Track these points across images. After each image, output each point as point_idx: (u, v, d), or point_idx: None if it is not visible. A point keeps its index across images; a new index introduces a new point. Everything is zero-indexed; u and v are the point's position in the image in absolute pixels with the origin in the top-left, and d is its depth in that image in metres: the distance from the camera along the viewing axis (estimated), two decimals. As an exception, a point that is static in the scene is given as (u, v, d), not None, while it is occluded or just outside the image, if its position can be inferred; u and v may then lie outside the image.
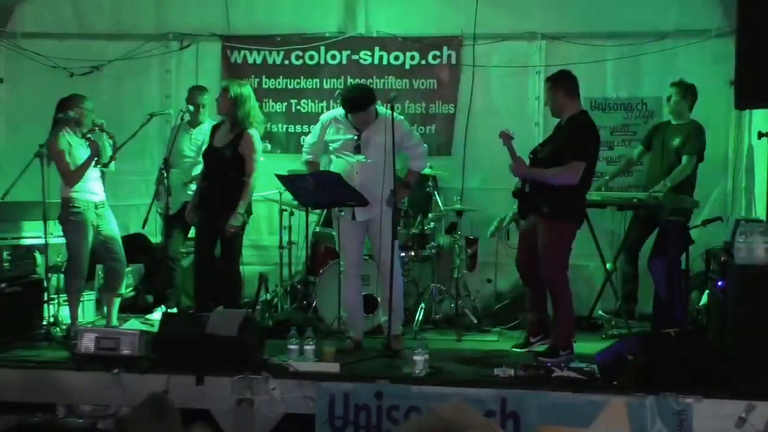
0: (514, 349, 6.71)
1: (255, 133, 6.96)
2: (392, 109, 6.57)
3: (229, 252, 7.05)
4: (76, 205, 7.13)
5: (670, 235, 7.15)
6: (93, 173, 7.23)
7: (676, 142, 7.38)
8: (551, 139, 6.57)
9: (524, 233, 6.66)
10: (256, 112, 7.03)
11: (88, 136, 7.15)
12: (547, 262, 6.43)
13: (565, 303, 6.56)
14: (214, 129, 7.13)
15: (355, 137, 6.67)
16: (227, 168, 6.90)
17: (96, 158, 7.11)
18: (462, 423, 1.65)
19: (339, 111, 6.84)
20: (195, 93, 7.83)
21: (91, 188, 7.23)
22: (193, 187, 7.48)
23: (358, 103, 6.60)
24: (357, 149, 6.70)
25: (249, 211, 7.07)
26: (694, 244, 7.17)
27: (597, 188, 7.40)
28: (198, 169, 7.44)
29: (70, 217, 7.16)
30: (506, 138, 6.41)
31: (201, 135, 7.69)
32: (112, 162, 7.24)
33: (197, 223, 7.16)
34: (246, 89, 6.96)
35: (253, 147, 6.93)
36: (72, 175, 7.05)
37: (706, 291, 6.91)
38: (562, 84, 6.42)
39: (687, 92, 7.45)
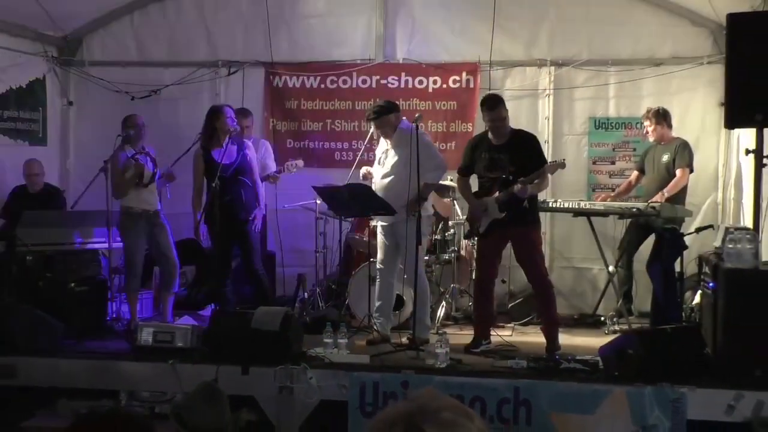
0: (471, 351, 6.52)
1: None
2: (416, 128, 6.53)
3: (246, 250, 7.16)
4: (131, 213, 7.16)
5: (666, 242, 7.12)
6: (150, 186, 7.24)
7: (665, 158, 7.33)
8: (498, 159, 6.46)
9: (488, 241, 6.58)
10: None
11: (136, 156, 7.15)
12: (538, 265, 6.54)
13: (555, 303, 6.66)
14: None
15: (384, 151, 6.73)
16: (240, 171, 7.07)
17: (139, 177, 7.12)
18: (435, 406, 1.60)
19: None
20: (241, 115, 7.78)
21: (146, 199, 7.22)
22: None
23: (374, 112, 6.67)
24: (381, 162, 6.80)
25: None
26: (687, 249, 7.13)
27: (602, 199, 7.47)
28: None
29: (126, 224, 7.19)
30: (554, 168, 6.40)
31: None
32: (153, 182, 7.23)
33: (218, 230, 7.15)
34: None
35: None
36: (116, 189, 7.08)
37: (699, 291, 6.86)
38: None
39: (661, 118, 7.38)
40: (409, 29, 8.54)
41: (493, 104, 6.46)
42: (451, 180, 7.72)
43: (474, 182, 6.83)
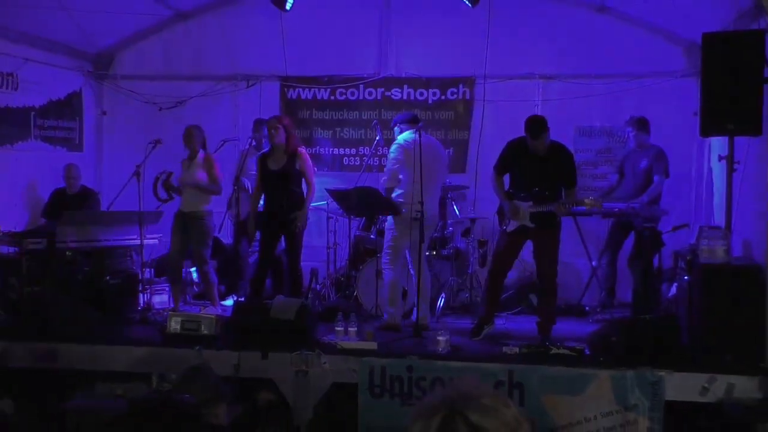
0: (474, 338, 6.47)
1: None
2: (419, 136, 6.55)
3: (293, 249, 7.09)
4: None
5: (645, 239, 7.11)
6: (188, 190, 7.26)
7: (644, 164, 7.32)
8: (537, 172, 6.31)
9: (513, 240, 6.46)
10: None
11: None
12: (553, 265, 6.41)
13: (556, 301, 6.62)
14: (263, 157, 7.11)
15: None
16: (292, 181, 6.97)
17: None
18: (476, 393, 1.57)
19: None
20: (260, 124, 7.83)
21: (183, 200, 7.30)
22: None
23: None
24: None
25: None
26: (665, 246, 7.12)
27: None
28: None
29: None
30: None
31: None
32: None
33: (262, 230, 7.16)
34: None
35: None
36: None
37: (675, 284, 6.86)
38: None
39: (642, 125, 7.38)
40: (411, 46, 8.52)
41: (536, 133, 6.21)
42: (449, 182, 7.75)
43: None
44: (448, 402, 1.54)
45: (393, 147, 6.92)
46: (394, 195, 6.80)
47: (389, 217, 6.88)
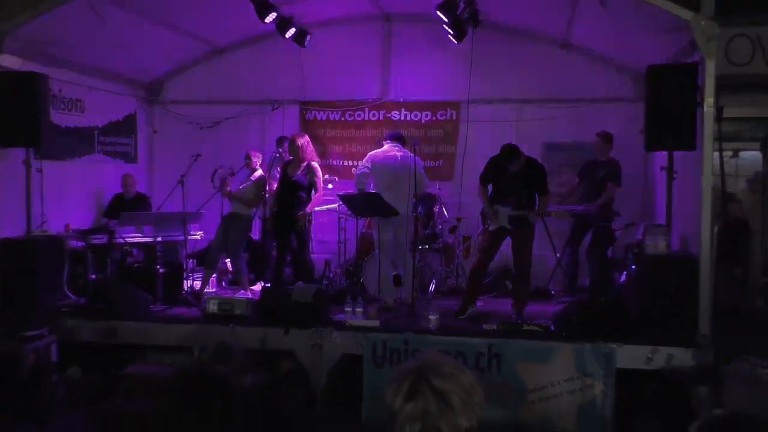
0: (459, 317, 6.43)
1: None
2: (415, 151, 6.59)
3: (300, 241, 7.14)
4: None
5: (600, 235, 7.13)
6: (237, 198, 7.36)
7: (601, 173, 7.28)
8: (514, 183, 6.33)
9: (494, 237, 6.47)
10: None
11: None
12: (528, 257, 6.42)
13: (529, 287, 6.61)
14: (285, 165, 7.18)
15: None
16: (300, 189, 7.01)
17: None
18: (437, 362, 1.59)
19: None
20: (282, 141, 7.86)
21: (232, 204, 7.37)
22: None
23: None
24: None
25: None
26: (617, 241, 7.14)
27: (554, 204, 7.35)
28: None
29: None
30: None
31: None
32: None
33: (279, 227, 7.18)
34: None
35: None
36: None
37: (625, 272, 6.88)
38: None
39: (607, 139, 7.36)
40: (407, 75, 8.50)
41: (510, 160, 6.23)
42: (440, 189, 7.78)
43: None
44: (415, 370, 1.55)
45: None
46: None
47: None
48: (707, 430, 1.44)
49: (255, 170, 7.44)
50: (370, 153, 7.15)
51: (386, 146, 7.01)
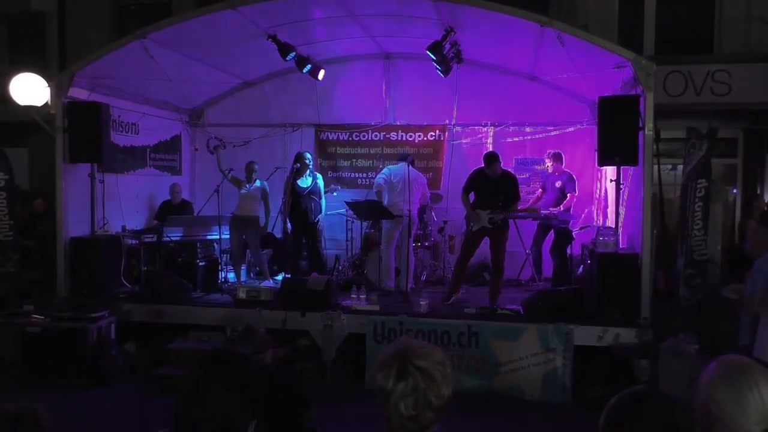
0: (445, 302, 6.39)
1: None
2: (410, 165, 6.63)
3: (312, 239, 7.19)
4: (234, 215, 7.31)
5: (560, 236, 7.12)
6: (246, 200, 7.30)
7: (558, 184, 7.26)
8: (493, 191, 6.32)
9: (475, 237, 6.47)
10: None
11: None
12: (502, 254, 6.40)
13: (503, 279, 6.58)
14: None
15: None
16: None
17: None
18: (415, 345, 1.54)
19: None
20: (300, 156, 7.86)
21: (240, 207, 7.32)
22: None
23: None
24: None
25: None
26: (574, 240, 7.14)
27: (524, 210, 7.35)
28: None
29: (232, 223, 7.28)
30: None
31: (307, 179, 7.53)
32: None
33: (294, 226, 7.23)
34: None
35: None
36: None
37: (581, 267, 6.88)
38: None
39: (557, 158, 7.32)
40: (403, 103, 8.46)
41: (489, 162, 6.28)
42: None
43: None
44: (398, 354, 1.53)
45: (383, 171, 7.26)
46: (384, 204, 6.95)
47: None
48: (617, 404, 1.39)
49: (254, 181, 7.39)
50: (389, 165, 7.40)
51: (400, 164, 7.11)
